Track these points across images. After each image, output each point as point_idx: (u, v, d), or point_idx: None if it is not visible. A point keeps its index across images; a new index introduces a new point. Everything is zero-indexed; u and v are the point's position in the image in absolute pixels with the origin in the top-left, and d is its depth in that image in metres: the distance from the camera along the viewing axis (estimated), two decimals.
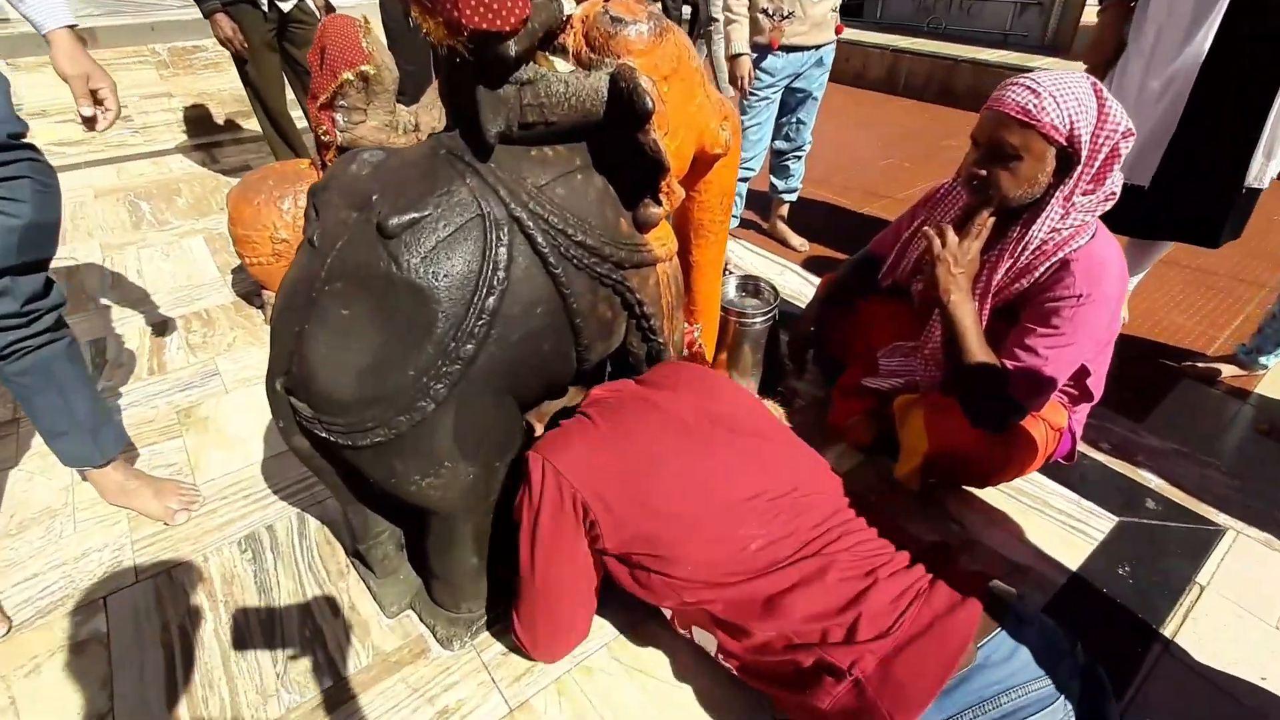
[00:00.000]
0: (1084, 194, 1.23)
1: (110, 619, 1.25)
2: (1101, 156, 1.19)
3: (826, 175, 3.58)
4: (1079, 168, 1.20)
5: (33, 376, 1.27)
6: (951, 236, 1.29)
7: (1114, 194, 1.24)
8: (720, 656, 1.04)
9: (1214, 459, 1.67)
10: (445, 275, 0.89)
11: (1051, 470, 1.57)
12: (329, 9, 2.87)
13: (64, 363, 1.31)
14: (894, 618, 0.89)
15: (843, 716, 0.88)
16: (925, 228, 1.33)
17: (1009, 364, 1.26)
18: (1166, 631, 1.25)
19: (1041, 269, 1.27)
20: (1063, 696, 0.83)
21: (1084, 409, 1.47)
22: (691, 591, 0.98)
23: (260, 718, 1.09)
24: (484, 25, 0.81)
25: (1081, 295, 1.22)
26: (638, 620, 1.23)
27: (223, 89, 4.11)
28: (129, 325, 2.13)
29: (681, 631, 1.11)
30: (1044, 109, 1.17)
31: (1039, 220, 1.25)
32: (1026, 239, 1.27)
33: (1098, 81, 1.21)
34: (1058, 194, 1.23)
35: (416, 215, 0.89)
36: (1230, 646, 1.23)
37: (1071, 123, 1.17)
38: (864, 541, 1.01)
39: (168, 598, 1.28)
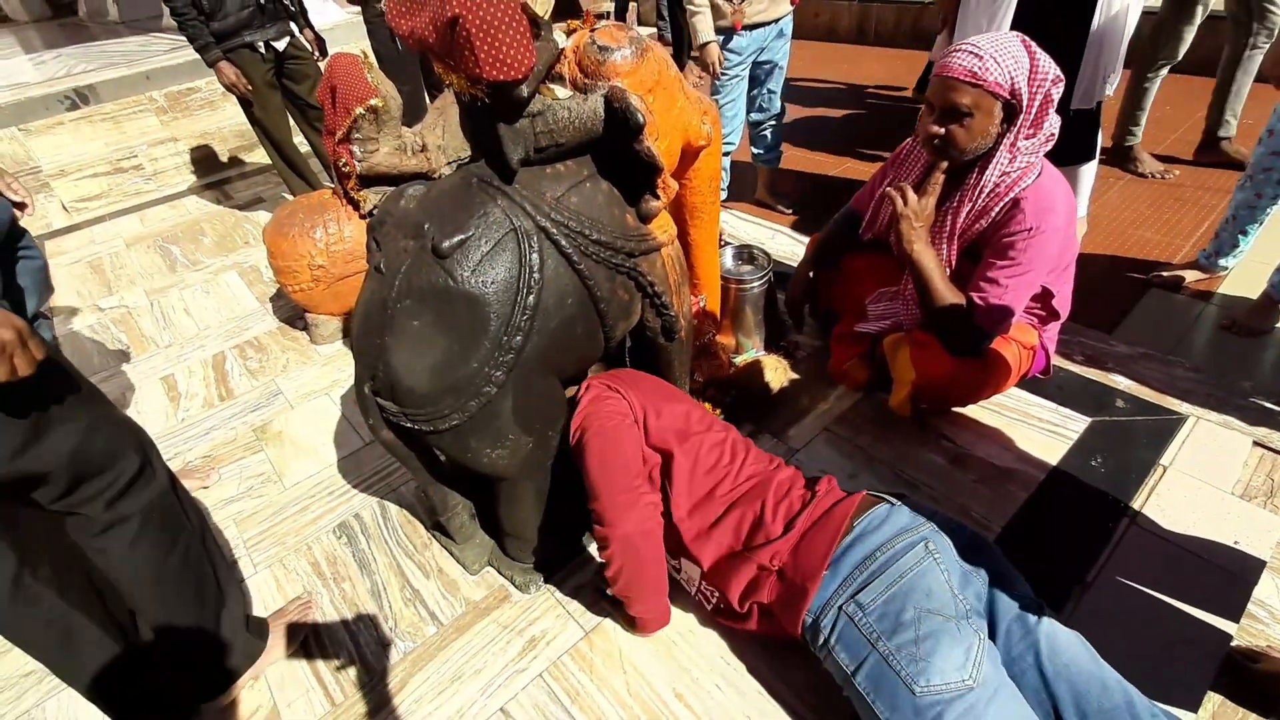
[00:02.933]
0: (1026, 138, 1.40)
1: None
2: (1038, 104, 1.36)
3: (806, 137, 3.72)
4: (1020, 116, 1.37)
5: None
6: (911, 195, 1.47)
7: (1053, 135, 1.41)
8: (701, 584, 1.25)
9: (1179, 358, 1.85)
10: (492, 282, 1.09)
11: (1031, 384, 1.76)
12: (320, 44, 3.04)
13: None
14: (791, 520, 1.16)
15: (783, 607, 1.13)
16: (888, 189, 1.51)
17: (976, 296, 1.44)
18: (1135, 506, 1.45)
19: (997, 209, 1.45)
20: (924, 541, 1.08)
21: (1054, 327, 1.65)
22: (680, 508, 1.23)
23: (384, 663, 1.33)
24: (500, 76, 0.99)
25: (1032, 228, 1.40)
26: None
27: (221, 126, 4.29)
28: (191, 360, 2.35)
29: (673, 564, 1.30)
30: (987, 69, 1.33)
31: (990, 166, 1.42)
32: (981, 184, 1.44)
33: (1026, 38, 1.37)
34: (1004, 142, 1.40)
35: (463, 236, 1.09)
36: (1190, 513, 1.43)
37: (1011, 78, 1.34)
38: (781, 481, 1.26)
39: (286, 581, 1.52)
